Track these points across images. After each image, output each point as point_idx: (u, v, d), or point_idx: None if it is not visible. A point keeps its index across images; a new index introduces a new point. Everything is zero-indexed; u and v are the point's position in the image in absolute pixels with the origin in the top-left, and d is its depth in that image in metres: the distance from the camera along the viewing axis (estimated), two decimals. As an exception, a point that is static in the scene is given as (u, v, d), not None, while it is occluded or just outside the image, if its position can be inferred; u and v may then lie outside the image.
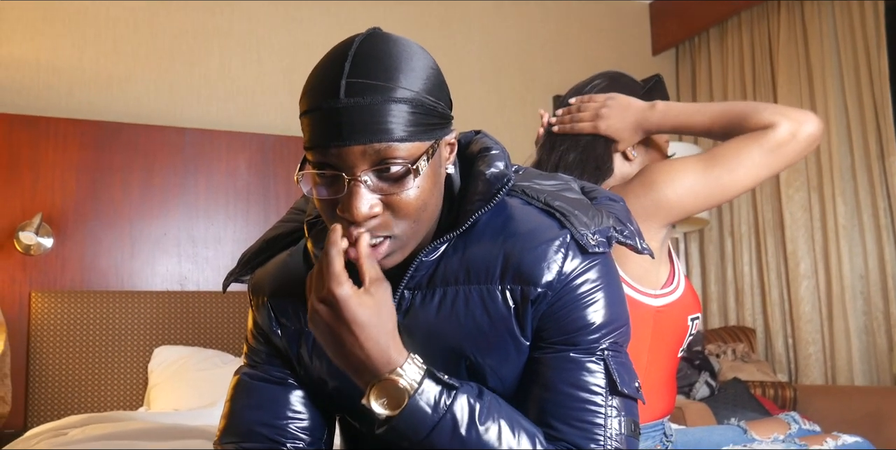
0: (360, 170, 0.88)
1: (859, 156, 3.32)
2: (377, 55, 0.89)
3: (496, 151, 1.02)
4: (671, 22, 4.23)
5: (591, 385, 0.95)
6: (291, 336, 1.08)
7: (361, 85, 0.87)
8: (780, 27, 3.68)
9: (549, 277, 0.95)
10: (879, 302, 3.24)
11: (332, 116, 0.87)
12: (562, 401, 0.95)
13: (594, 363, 0.96)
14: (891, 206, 3.19)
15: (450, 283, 0.98)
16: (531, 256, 0.96)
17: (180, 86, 3.24)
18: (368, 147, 0.87)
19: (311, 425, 1.11)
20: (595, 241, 0.97)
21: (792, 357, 3.56)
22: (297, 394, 1.11)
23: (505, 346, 0.98)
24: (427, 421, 0.89)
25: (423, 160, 0.89)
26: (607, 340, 0.97)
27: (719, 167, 1.36)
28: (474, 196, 0.98)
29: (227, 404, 1.13)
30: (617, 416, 0.95)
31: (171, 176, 3.07)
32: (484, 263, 0.97)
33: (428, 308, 0.99)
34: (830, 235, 3.37)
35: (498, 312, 0.97)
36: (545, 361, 0.97)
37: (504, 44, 3.94)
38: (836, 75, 3.44)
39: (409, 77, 0.89)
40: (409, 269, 0.98)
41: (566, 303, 0.96)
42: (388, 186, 0.89)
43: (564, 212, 0.99)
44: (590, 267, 0.97)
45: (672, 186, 1.36)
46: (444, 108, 0.93)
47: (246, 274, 1.15)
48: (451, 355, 0.99)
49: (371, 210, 0.89)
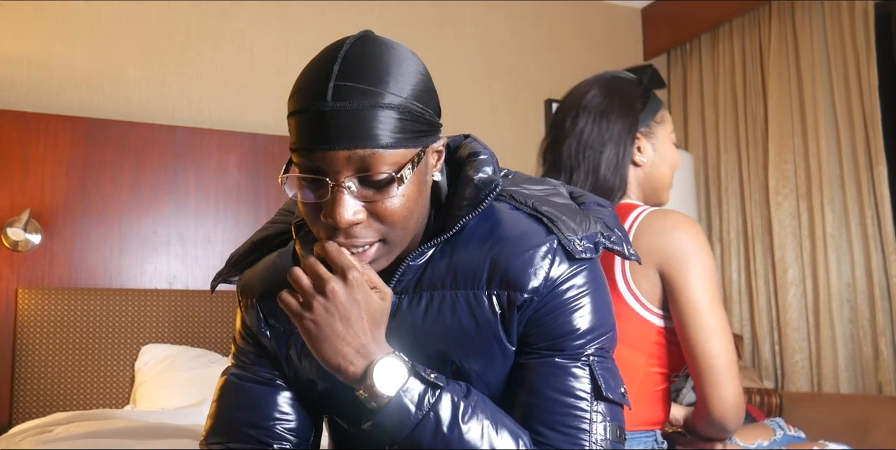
0: (343, 176, 0.87)
1: (848, 164, 3.33)
2: (367, 59, 0.89)
3: (484, 156, 1.02)
4: (663, 27, 4.24)
5: (577, 391, 0.95)
6: (280, 337, 1.08)
7: (349, 89, 0.86)
8: (772, 34, 3.70)
9: (535, 283, 0.95)
10: (866, 310, 3.25)
11: (318, 118, 0.86)
12: (547, 406, 0.95)
13: (580, 369, 0.96)
14: (879, 214, 3.21)
15: (437, 287, 0.98)
16: (518, 261, 0.96)
17: (171, 84, 3.23)
18: (353, 153, 0.86)
19: (298, 425, 1.11)
20: (582, 247, 0.97)
21: (778, 364, 3.58)
22: (285, 395, 1.11)
23: (491, 351, 0.98)
24: (410, 418, 0.89)
25: (408, 168, 0.89)
26: (593, 345, 0.98)
27: (720, 307, 1.39)
28: (462, 201, 0.98)
29: (213, 404, 1.13)
30: (602, 421, 0.95)
31: (161, 174, 3.06)
32: (471, 268, 0.97)
33: (415, 312, 0.99)
34: (818, 243, 3.39)
35: (484, 318, 0.97)
36: (531, 366, 0.97)
37: (496, 47, 3.95)
38: (826, 83, 3.46)
39: (398, 82, 0.88)
40: (397, 273, 0.98)
41: (552, 308, 0.96)
42: (372, 193, 0.89)
43: (552, 217, 0.99)
44: (576, 273, 0.97)
45: (701, 264, 1.39)
46: (432, 116, 0.93)
47: (234, 275, 1.15)
48: (437, 360, 0.99)
49: (354, 217, 0.88)
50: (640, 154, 1.54)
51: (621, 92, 1.54)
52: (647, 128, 1.55)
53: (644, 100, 1.55)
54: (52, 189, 2.88)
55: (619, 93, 1.53)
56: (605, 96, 1.53)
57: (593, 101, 1.52)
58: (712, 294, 1.38)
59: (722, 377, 1.35)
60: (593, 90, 1.54)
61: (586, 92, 1.55)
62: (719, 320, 1.37)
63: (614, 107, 1.51)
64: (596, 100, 1.52)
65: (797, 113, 3.55)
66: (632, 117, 1.52)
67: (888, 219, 3.17)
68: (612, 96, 1.52)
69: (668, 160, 1.58)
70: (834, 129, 3.41)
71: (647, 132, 1.56)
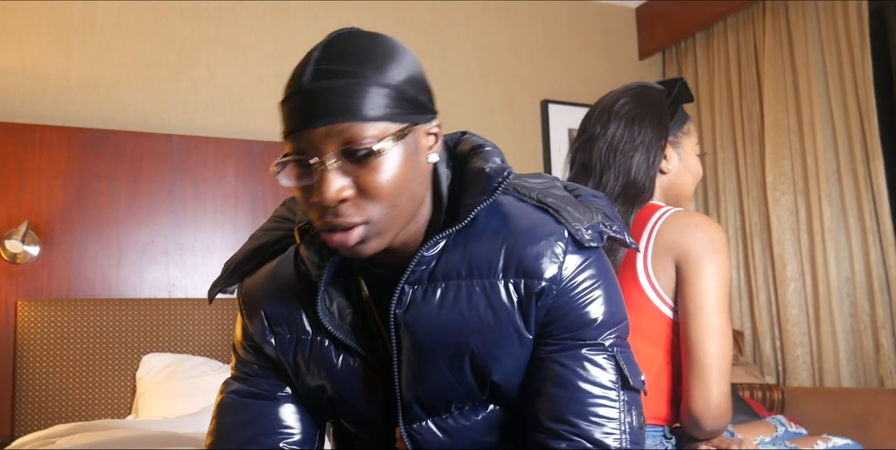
0: (325, 153, 0.87)
1: (845, 159, 3.34)
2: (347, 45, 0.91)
3: (489, 147, 1.03)
4: (658, 26, 4.25)
5: (606, 381, 0.97)
6: (286, 345, 1.07)
7: (327, 70, 0.88)
8: (766, 31, 3.70)
9: (552, 271, 0.97)
10: (865, 304, 3.25)
11: (299, 100, 0.88)
12: (579, 398, 0.96)
13: (606, 360, 0.98)
14: (876, 209, 3.21)
15: (451, 277, 0.98)
16: (533, 250, 0.97)
17: (167, 92, 3.24)
18: (332, 128, 0.86)
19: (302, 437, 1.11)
20: (590, 236, 0.99)
21: (780, 359, 3.58)
22: (288, 408, 1.10)
23: (509, 339, 0.99)
24: None
25: (390, 140, 0.88)
26: (612, 334, 1.00)
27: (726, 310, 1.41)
28: (474, 191, 0.98)
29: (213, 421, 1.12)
30: (629, 410, 0.98)
31: (158, 183, 3.06)
32: (486, 257, 0.98)
33: (430, 303, 0.98)
34: (817, 238, 3.39)
35: (502, 306, 0.98)
36: (556, 359, 0.98)
37: (491, 49, 3.95)
38: (822, 79, 3.46)
39: (379, 64, 0.89)
40: (410, 264, 0.98)
41: (571, 299, 0.98)
42: (356, 167, 0.88)
43: (557, 208, 1.01)
44: (589, 263, 0.99)
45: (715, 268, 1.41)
46: (419, 95, 0.93)
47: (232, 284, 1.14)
48: (454, 350, 0.99)
49: (340, 194, 0.88)
50: (666, 162, 1.57)
51: (652, 101, 1.57)
52: (674, 138, 1.60)
53: (672, 111, 1.59)
54: (49, 200, 2.88)
55: (650, 102, 1.56)
56: (637, 104, 1.56)
57: (625, 107, 1.55)
58: (720, 295, 1.40)
59: (709, 377, 1.36)
60: (624, 98, 1.57)
61: (617, 99, 1.58)
62: (721, 322, 1.39)
63: (646, 114, 1.54)
64: (627, 106, 1.55)
65: (793, 109, 3.56)
66: (662, 126, 1.55)
67: (886, 213, 3.17)
68: (644, 105, 1.56)
69: (692, 170, 1.63)
70: (830, 124, 3.42)
71: (674, 142, 1.60)
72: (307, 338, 1.05)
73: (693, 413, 1.37)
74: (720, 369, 1.37)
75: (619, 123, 1.54)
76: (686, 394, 1.39)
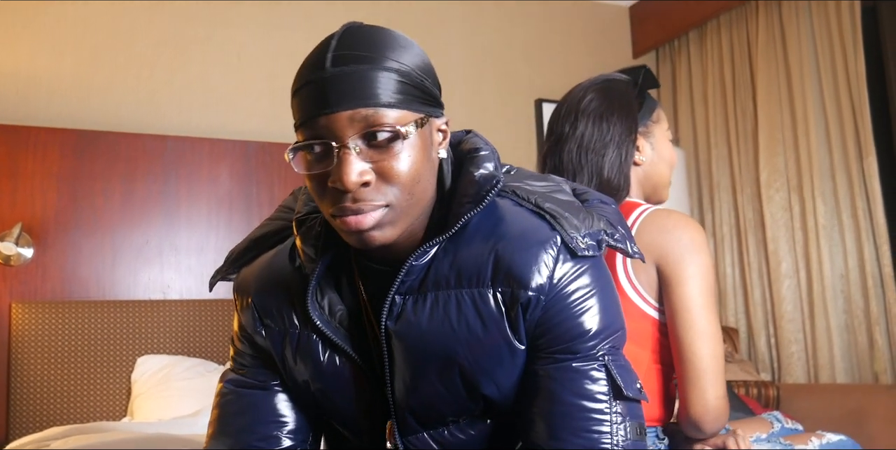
0: (348, 137, 0.87)
1: (838, 156, 3.35)
2: (363, 34, 0.92)
3: (486, 151, 1.01)
4: (651, 25, 4.25)
5: (596, 394, 0.95)
6: (276, 337, 1.06)
7: (347, 56, 0.88)
8: (759, 29, 3.71)
9: (539, 281, 0.94)
10: (860, 300, 3.27)
11: (319, 86, 0.87)
12: (570, 412, 0.94)
13: (596, 371, 0.95)
14: (869, 205, 3.22)
15: (441, 287, 0.96)
16: (522, 258, 0.94)
17: (160, 93, 3.23)
18: (356, 113, 0.86)
19: (296, 427, 1.11)
20: (585, 244, 0.96)
21: (775, 356, 3.59)
22: (281, 397, 1.11)
23: (499, 350, 0.97)
24: None
25: (412, 126, 0.88)
26: (605, 345, 0.97)
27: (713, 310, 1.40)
28: (463, 198, 0.97)
29: (213, 410, 1.13)
30: (622, 422, 0.95)
31: (152, 184, 3.05)
32: (475, 265, 0.96)
33: (420, 313, 0.97)
34: (811, 235, 3.40)
35: (491, 316, 0.95)
36: (547, 373, 0.96)
37: (485, 48, 3.95)
38: (815, 76, 3.47)
39: (397, 52, 0.90)
40: (400, 273, 0.96)
41: (561, 310, 0.95)
42: (377, 153, 0.88)
43: (555, 214, 0.98)
44: (582, 272, 0.96)
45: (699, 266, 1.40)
46: (433, 87, 0.93)
47: (232, 273, 1.14)
48: (444, 361, 0.97)
49: (361, 177, 0.87)
50: (639, 153, 1.56)
51: (618, 94, 1.54)
52: (644, 127, 1.57)
53: (640, 100, 1.57)
54: (42, 202, 2.87)
55: (617, 95, 1.54)
56: (603, 99, 1.53)
57: (591, 104, 1.52)
58: (706, 296, 1.39)
59: (704, 380, 1.36)
60: (590, 94, 1.54)
61: (583, 96, 1.55)
62: (709, 323, 1.38)
63: (614, 109, 1.52)
64: (594, 103, 1.53)
65: (786, 106, 3.56)
66: (631, 119, 1.53)
67: (879, 209, 3.18)
68: (611, 99, 1.53)
69: (666, 158, 1.61)
70: (823, 121, 3.43)
71: (644, 132, 1.58)
72: (295, 331, 1.04)
73: (692, 417, 1.37)
74: (714, 372, 1.36)
75: (586, 121, 1.51)
76: (683, 399, 1.39)
